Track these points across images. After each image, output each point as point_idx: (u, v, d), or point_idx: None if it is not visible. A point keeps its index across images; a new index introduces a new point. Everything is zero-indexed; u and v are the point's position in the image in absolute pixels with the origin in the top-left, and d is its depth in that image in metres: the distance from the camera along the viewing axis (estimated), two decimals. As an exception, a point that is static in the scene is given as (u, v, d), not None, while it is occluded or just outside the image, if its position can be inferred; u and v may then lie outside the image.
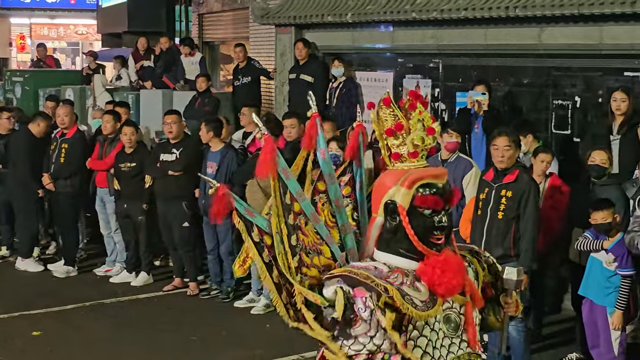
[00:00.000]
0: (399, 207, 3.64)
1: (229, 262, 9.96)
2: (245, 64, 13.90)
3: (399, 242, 3.68)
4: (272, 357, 8.06)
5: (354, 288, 3.57)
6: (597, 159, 7.65)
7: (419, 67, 11.76)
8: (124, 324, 9.16)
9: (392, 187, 3.69)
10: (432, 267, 3.61)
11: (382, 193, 3.75)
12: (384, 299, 3.54)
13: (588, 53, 9.53)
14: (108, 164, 10.79)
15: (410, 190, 3.64)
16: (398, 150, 3.75)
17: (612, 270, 7.01)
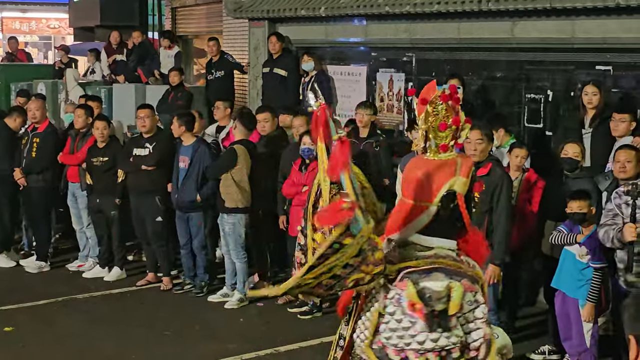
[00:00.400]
0: (458, 195, 3.88)
1: (201, 257, 9.95)
2: (219, 58, 13.87)
3: (448, 226, 3.91)
4: (245, 351, 8.05)
5: (461, 280, 3.75)
6: (569, 152, 7.69)
7: (392, 61, 11.77)
8: (96, 319, 9.11)
9: (450, 177, 3.89)
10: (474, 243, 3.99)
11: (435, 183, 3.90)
12: (481, 287, 3.84)
13: (560, 47, 9.58)
14: (80, 159, 10.72)
15: (468, 178, 3.90)
16: (445, 142, 3.92)
17: (584, 262, 7.04)
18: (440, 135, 3.95)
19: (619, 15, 8.84)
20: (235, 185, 9.36)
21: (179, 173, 9.84)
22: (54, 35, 39.48)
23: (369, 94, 11.95)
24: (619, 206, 6.51)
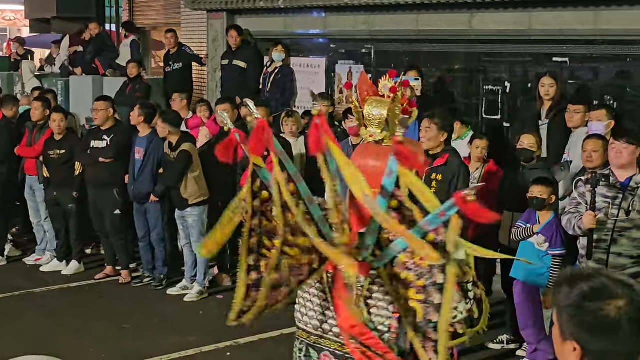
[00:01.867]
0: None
1: (160, 249, 9.90)
2: (177, 50, 13.77)
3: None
4: (205, 343, 8.03)
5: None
6: (525, 143, 7.75)
7: (352, 53, 11.78)
8: (55, 313, 9.03)
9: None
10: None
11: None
12: None
13: (518, 39, 9.65)
14: (37, 151, 10.61)
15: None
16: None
17: (543, 250, 7.10)
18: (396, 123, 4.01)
19: (575, 7, 8.93)
20: (195, 182, 9.35)
21: (135, 164, 9.78)
22: (9, 27, 38.99)
23: (328, 85, 11.95)
24: (582, 195, 6.59)
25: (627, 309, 2.34)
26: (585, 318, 2.37)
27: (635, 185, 6.44)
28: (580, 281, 2.42)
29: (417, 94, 9.40)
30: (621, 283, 2.40)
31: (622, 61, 8.94)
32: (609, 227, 6.45)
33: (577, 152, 7.57)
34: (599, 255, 6.49)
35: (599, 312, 2.35)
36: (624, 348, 2.36)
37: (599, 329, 2.35)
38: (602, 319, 2.34)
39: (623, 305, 2.35)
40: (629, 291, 2.38)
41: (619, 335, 2.34)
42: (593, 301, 2.37)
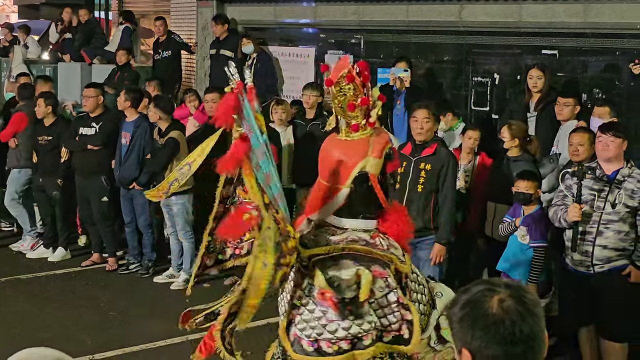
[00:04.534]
0: (370, 176, 3.85)
1: (147, 235, 9.89)
2: (166, 38, 13.72)
3: (363, 206, 3.91)
4: (192, 331, 7.99)
5: (370, 267, 3.74)
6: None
7: (341, 43, 11.77)
8: (41, 299, 9.01)
9: (361, 159, 3.87)
10: (394, 222, 3.95)
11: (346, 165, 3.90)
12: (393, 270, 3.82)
13: (507, 31, 9.66)
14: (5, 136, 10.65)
15: (381, 159, 3.87)
16: (356, 121, 3.83)
17: (526, 243, 7.10)
18: (350, 115, 3.90)
19: (565, 0, 8.95)
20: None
21: (121, 149, 9.76)
22: (-3, 13, 38.76)
23: (317, 75, 11.94)
24: (569, 187, 6.60)
25: (509, 302, 2.31)
26: (468, 315, 2.34)
27: (621, 178, 6.46)
28: (464, 292, 2.42)
29: (406, 85, 9.42)
30: (504, 284, 2.39)
31: (611, 54, 8.96)
32: (594, 219, 6.48)
33: (565, 144, 7.57)
34: (585, 247, 6.51)
35: (480, 307, 2.33)
36: (511, 348, 2.30)
37: (481, 324, 2.32)
38: (483, 313, 2.32)
39: (505, 297, 2.32)
40: (513, 289, 2.36)
41: (501, 330, 2.30)
42: (475, 298, 2.36)
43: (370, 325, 3.71)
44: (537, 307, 2.36)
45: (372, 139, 3.90)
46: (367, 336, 3.71)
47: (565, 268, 6.76)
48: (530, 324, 2.32)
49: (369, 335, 3.71)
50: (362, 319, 3.71)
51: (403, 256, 3.95)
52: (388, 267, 3.81)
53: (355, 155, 3.86)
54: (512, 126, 7.86)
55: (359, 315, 3.70)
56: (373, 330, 3.73)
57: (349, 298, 3.68)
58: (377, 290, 3.73)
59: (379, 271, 3.74)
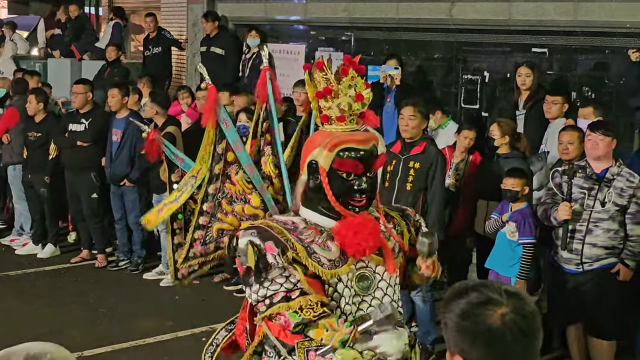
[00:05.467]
0: (319, 168, 3.73)
1: (137, 232, 9.88)
2: (156, 34, 13.69)
3: (320, 200, 3.78)
4: (182, 328, 8.03)
5: (265, 242, 3.66)
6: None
7: (331, 40, 11.78)
8: (30, 296, 8.99)
9: (316, 148, 3.76)
10: (345, 229, 3.71)
11: (308, 152, 3.83)
12: (292, 255, 3.65)
13: (497, 28, 9.68)
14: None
15: (331, 153, 3.71)
16: (327, 112, 3.79)
17: (515, 240, 7.11)
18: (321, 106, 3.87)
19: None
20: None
21: (112, 146, 9.75)
22: (-14, 8, 38.62)
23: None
24: (558, 185, 6.62)
25: (511, 316, 2.29)
26: (469, 328, 2.31)
27: (610, 176, 6.48)
28: (465, 293, 2.37)
29: (396, 83, 9.43)
30: (506, 293, 2.35)
31: (600, 53, 8.99)
32: (584, 217, 6.50)
33: (554, 142, 7.59)
34: (574, 245, 6.54)
35: (483, 321, 2.30)
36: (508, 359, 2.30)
37: (482, 339, 2.29)
38: (486, 327, 2.29)
39: (507, 312, 2.29)
40: (514, 300, 2.33)
41: (502, 345, 2.28)
42: (477, 310, 2.32)
43: (279, 287, 3.64)
44: (537, 319, 2.35)
45: (337, 134, 3.75)
46: (277, 294, 3.64)
47: (555, 265, 6.78)
48: (530, 339, 2.31)
49: (279, 294, 3.65)
50: (269, 281, 3.64)
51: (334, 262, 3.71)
52: (283, 249, 3.67)
53: (314, 143, 3.83)
54: (502, 123, 7.87)
55: (261, 281, 3.65)
56: (284, 291, 3.64)
57: (250, 267, 3.67)
58: (272, 264, 3.65)
59: (270, 246, 3.66)
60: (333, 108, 3.76)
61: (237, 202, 4.08)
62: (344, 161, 3.70)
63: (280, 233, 3.69)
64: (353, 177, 3.73)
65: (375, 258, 3.80)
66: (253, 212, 4.06)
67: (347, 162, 3.70)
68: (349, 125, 3.79)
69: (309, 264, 3.66)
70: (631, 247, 6.49)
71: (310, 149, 3.81)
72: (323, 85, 3.79)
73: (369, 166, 3.75)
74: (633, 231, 6.49)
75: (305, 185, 3.83)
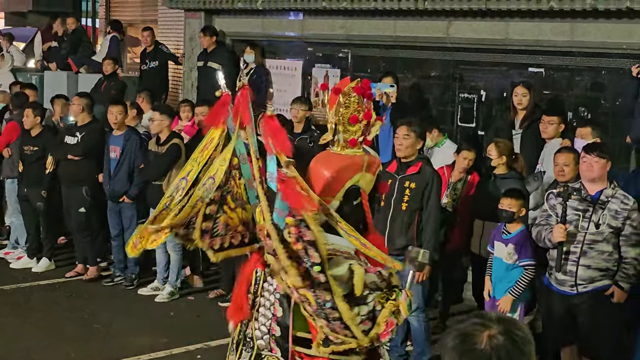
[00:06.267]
0: (362, 192, 3.86)
1: (133, 249, 9.84)
2: (153, 48, 13.72)
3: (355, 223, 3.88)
4: (176, 345, 8.01)
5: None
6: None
7: (328, 57, 11.79)
8: (24, 310, 8.97)
9: (356, 173, 3.86)
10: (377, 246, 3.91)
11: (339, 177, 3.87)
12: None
13: (494, 48, 9.70)
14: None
15: (374, 176, 3.88)
16: (354, 136, 3.84)
17: (512, 263, 7.08)
18: (350, 130, 3.90)
19: (552, 19, 9.00)
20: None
21: (110, 163, 9.74)
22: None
23: (304, 89, 11.95)
24: (553, 207, 6.63)
25: (500, 339, 2.29)
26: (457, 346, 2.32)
27: (605, 198, 6.50)
28: (459, 323, 2.41)
29: (392, 101, 9.44)
30: (497, 318, 2.36)
31: (597, 73, 9.01)
32: (579, 239, 6.51)
33: (550, 162, 7.60)
34: (568, 267, 6.54)
35: (470, 340, 2.31)
36: None
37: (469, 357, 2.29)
38: (471, 347, 2.30)
39: (495, 334, 2.30)
40: (505, 324, 2.34)
41: None
42: (467, 335, 2.33)
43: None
44: (528, 346, 2.33)
45: (366, 157, 3.89)
46: (376, 303, 3.71)
47: (549, 287, 6.78)
48: None
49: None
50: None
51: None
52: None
53: (350, 168, 3.86)
54: (499, 144, 7.89)
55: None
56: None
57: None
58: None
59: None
60: (367, 132, 3.85)
61: (237, 202, 4.15)
62: (383, 183, 3.88)
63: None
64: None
65: None
66: (247, 218, 4.12)
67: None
68: (359, 149, 3.90)
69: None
70: (625, 270, 6.50)
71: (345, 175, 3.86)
72: (353, 109, 3.85)
73: None
74: (627, 253, 6.50)
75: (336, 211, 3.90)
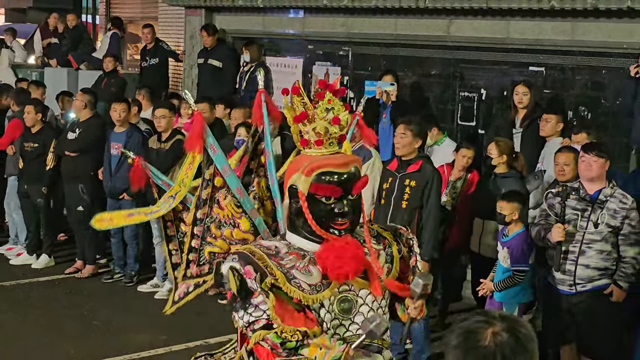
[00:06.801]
0: (299, 193, 3.74)
1: (132, 246, 9.87)
2: (154, 46, 13.70)
3: (303, 224, 3.79)
4: (176, 342, 8.01)
5: (245, 267, 3.66)
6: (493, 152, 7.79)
7: (329, 54, 11.79)
8: (24, 307, 8.97)
9: (296, 173, 3.78)
10: (326, 252, 3.70)
11: (288, 176, 3.87)
12: (270, 280, 3.64)
13: (495, 46, 9.70)
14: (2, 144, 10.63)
15: (309, 177, 3.72)
16: (306, 136, 3.81)
17: (507, 266, 7.06)
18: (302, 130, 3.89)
19: (553, 18, 9.00)
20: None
21: (111, 160, 9.74)
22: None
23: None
24: (552, 206, 6.64)
25: (503, 336, 2.31)
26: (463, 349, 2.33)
27: (604, 198, 6.50)
28: (462, 321, 2.42)
29: (392, 99, 9.44)
30: (500, 316, 2.38)
31: (597, 73, 9.02)
32: (577, 238, 6.51)
33: (550, 161, 7.60)
34: (567, 266, 6.55)
35: (474, 338, 2.33)
36: None
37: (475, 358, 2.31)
38: (475, 344, 2.31)
39: (499, 331, 2.32)
40: (509, 321, 2.36)
41: None
42: (471, 332, 2.35)
43: (262, 313, 3.65)
44: (531, 343, 2.35)
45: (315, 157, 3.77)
46: (259, 321, 3.64)
47: (548, 286, 6.79)
48: None
49: (262, 320, 3.64)
50: (253, 307, 3.66)
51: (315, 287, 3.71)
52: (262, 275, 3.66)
53: (294, 168, 3.85)
54: (500, 142, 7.88)
55: (246, 307, 3.67)
56: (265, 317, 3.64)
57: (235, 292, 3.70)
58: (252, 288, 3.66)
59: (249, 272, 3.66)
60: (310, 132, 3.79)
61: (226, 226, 4.04)
62: (320, 185, 3.72)
63: (261, 259, 3.68)
64: (333, 201, 3.73)
65: (359, 282, 3.79)
66: (242, 236, 4.02)
67: (323, 187, 3.72)
68: (328, 149, 3.82)
69: (288, 289, 3.65)
70: (624, 269, 6.51)
71: (290, 173, 3.85)
72: (300, 109, 3.82)
73: (348, 189, 3.75)
74: (626, 252, 6.51)
75: (288, 210, 3.86)
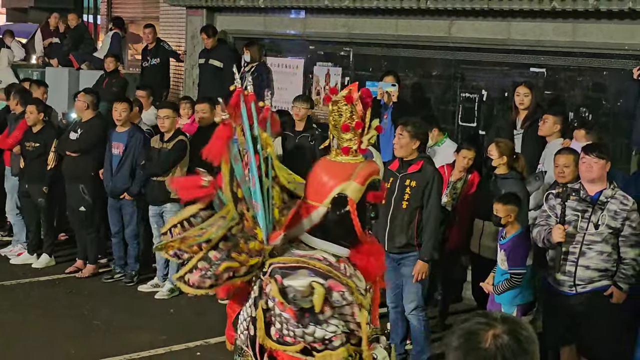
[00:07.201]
0: (349, 201, 3.84)
1: (133, 246, 9.86)
2: (155, 45, 13.70)
3: (339, 231, 3.89)
4: (176, 342, 8.01)
5: (327, 280, 3.75)
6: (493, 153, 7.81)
7: (330, 55, 11.79)
8: (24, 306, 8.96)
9: (343, 181, 3.86)
10: (366, 255, 3.92)
11: (327, 184, 3.90)
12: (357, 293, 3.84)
13: (496, 47, 9.71)
14: (8, 144, 10.63)
15: (363, 186, 3.85)
16: (348, 144, 3.85)
17: (504, 269, 7.06)
18: (343, 137, 3.93)
19: (554, 19, 9.01)
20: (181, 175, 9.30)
21: (112, 159, 9.73)
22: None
23: (305, 87, 11.95)
24: (552, 207, 6.63)
25: (504, 338, 2.31)
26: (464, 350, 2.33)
27: (604, 199, 6.50)
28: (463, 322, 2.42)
29: (393, 100, 9.44)
30: (501, 317, 2.38)
31: (598, 74, 9.02)
32: (577, 240, 6.51)
33: (551, 162, 7.59)
34: (567, 267, 6.54)
35: (475, 339, 2.33)
36: None
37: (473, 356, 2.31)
38: (476, 346, 2.31)
39: (500, 333, 2.31)
40: (510, 323, 2.35)
41: None
42: (472, 334, 2.35)
43: (337, 328, 3.75)
44: (532, 345, 2.34)
45: (360, 165, 3.90)
46: (335, 337, 3.74)
47: (548, 287, 6.78)
48: None
49: (338, 337, 3.74)
50: (325, 323, 3.74)
51: (365, 290, 3.95)
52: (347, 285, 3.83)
53: (339, 176, 3.89)
54: (500, 143, 7.88)
55: (318, 322, 3.73)
56: (340, 333, 3.76)
57: (307, 308, 3.71)
58: (334, 302, 3.76)
59: (334, 284, 3.75)
60: (364, 142, 3.87)
61: (250, 239, 3.94)
62: (377, 194, 3.87)
63: (330, 272, 3.80)
64: (372, 207, 3.94)
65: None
66: (259, 247, 3.92)
67: (379, 195, 3.89)
68: (356, 157, 3.91)
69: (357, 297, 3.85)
70: (624, 270, 6.50)
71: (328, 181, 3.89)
72: (347, 117, 3.86)
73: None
74: (626, 254, 6.51)
75: (323, 218, 3.89)
